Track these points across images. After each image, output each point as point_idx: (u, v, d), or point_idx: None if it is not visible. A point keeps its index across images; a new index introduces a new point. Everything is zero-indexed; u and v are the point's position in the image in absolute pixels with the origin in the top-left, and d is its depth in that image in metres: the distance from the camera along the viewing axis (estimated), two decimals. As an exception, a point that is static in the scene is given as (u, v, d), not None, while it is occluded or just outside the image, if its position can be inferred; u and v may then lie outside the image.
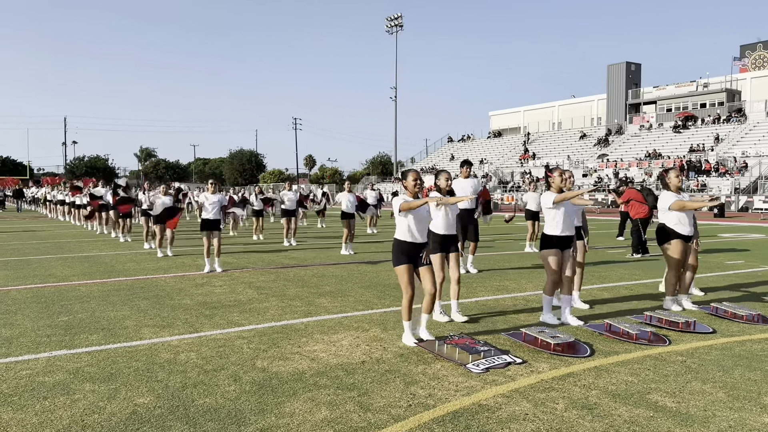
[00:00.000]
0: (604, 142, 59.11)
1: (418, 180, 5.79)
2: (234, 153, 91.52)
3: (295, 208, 16.12)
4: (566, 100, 76.32)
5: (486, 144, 74.03)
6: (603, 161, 53.85)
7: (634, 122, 60.45)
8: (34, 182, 55.88)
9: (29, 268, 11.17)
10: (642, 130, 58.41)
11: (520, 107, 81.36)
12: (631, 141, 57.03)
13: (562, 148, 62.52)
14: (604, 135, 60.98)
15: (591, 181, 49.49)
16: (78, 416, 3.93)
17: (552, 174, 6.72)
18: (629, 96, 64.49)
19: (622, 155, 54.14)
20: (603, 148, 58.09)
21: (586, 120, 68.96)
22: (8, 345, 5.67)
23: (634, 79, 65.26)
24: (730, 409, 4.07)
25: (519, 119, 79.65)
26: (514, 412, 4.00)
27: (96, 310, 7.29)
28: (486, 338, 5.87)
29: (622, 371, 4.88)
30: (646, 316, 6.64)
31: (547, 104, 77.99)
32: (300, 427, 3.77)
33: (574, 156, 58.40)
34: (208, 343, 5.75)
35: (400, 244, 5.70)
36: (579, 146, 61.51)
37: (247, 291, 8.59)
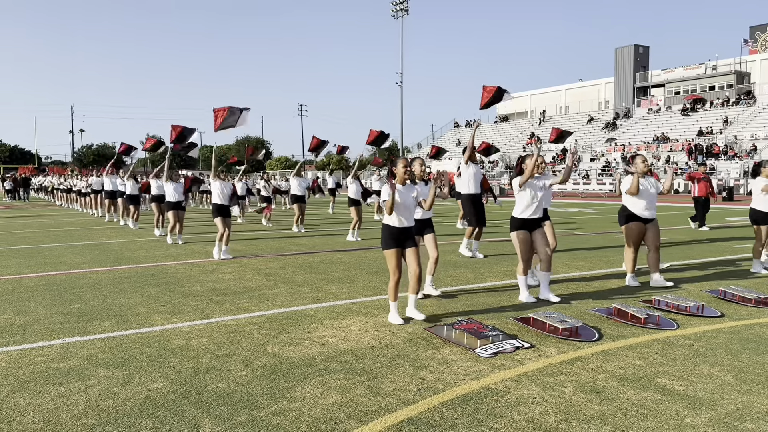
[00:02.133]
0: (612, 126, 58.81)
1: (407, 168, 6.02)
2: (240, 140, 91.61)
3: (305, 194, 16.15)
4: (574, 83, 75.79)
5: (493, 129, 73.75)
6: (611, 145, 53.60)
7: (642, 106, 60.08)
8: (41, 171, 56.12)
9: (40, 256, 11.28)
10: (650, 113, 58.05)
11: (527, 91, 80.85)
12: (639, 125, 56.72)
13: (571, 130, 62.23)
14: (611, 119, 60.67)
15: (599, 165, 49.30)
16: (93, 401, 4.00)
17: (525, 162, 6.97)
18: (637, 79, 64.01)
19: (630, 139, 53.86)
20: (611, 132, 57.81)
21: (594, 104, 68.55)
22: (22, 332, 5.75)
23: (642, 62, 64.71)
24: (738, 392, 4.10)
25: (526, 103, 79.22)
26: (523, 396, 4.04)
27: (108, 297, 7.37)
28: (494, 323, 5.91)
29: (630, 355, 4.91)
30: (654, 300, 6.66)
31: (554, 88, 77.46)
32: (311, 410, 3.83)
33: (582, 140, 58.14)
34: (219, 329, 5.81)
35: (388, 229, 5.99)
36: (586, 130, 61.22)
37: (257, 277, 8.66)
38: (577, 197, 39.77)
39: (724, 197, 31.85)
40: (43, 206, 31.22)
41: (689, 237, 13.62)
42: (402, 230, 5.98)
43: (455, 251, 10.93)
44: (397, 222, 5.95)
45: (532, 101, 78.14)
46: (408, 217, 6.01)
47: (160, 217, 15.06)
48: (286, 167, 78.73)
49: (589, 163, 51.18)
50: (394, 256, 5.94)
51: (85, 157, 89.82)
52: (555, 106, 72.18)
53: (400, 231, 5.97)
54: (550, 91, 77.53)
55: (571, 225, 17.32)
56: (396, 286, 5.96)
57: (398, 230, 5.97)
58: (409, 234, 6.03)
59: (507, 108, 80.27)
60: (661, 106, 58.50)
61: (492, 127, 74.35)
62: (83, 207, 24.92)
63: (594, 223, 17.92)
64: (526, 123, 71.13)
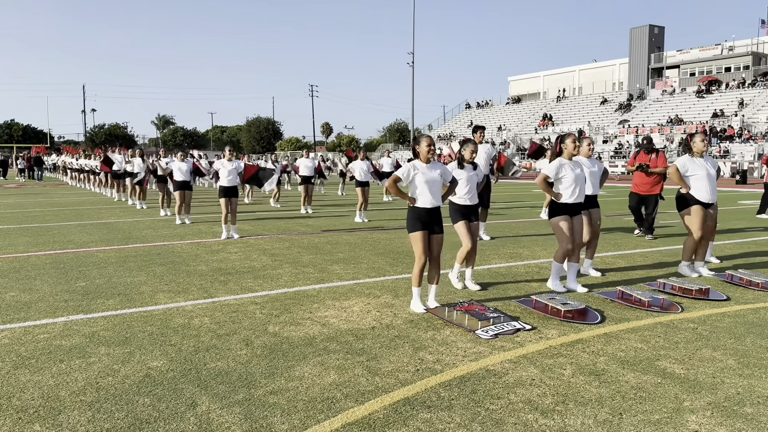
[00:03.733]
0: (626, 108, 58.18)
1: (431, 146, 5.73)
2: (251, 121, 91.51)
3: (313, 175, 16.14)
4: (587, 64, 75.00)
5: (504, 110, 73.20)
6: (624, 127, 53.08)
7: (656, 87, 59.36)
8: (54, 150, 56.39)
9: (49, 234, 11.36)
10: (664, 95, 57.35)
11: (539, 72, 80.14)
12: (653, 106, 56.07)
13: (583, 114, 61.68)
14: (625, 100, 60.00)
15: (611, 148, 48.87)
16: (93, 378, 4.03)
17: (564, 142, 6.60)
18: (652, 60, 63.16)
19: (644, 121, 53.29)
20: (624, 114, 57.21)
21: (608, 85, 67.78)
22: (27, 309, 5.80)
23: (657, 43, 63.75)
24: (740, 376, 4.06)
25: (539, 84, 78.56)
26: (521, 377, 4.02)
27: (113, 275, 7.41)
28: (497, 305, 5.88)
29: (632, 338, 4.87)
30: (660, 283, 6.60)
31: (567, 69, 76.72)
32: (309, 390, 3.83)
33: (595, 122, 57.61)
34: (222, 309, 5.83)
35: (415, 211, 5.67)
36: (599, 112, 60.63)
37: (262, 258, 8.67)
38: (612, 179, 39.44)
39: (738, 180, 31.49)
40: (55, 185, 31.44)
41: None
42: (429, 211, 5.64)
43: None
44: (425, 202, 5.62)
45: (545, 82, 77.44)
46: (435, 195, 5.64)
47: (165, 198, 15.09)
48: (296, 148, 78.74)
49: (602, 146, 50.72)
50: (421, 239, 5.60)
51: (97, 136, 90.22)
52: (568, 87, 71.45)
53: (427, 212, 5.64)
54: (563, 72, 76.78)
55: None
56: (421, 272, 5.64)
57: (425, 211, 5.63)
58: (436, 216, 5.69)
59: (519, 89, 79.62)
60: (675, 88, 57.74)
61: (503, 108, 73.79)
62: (94, 186, 25.05)
63: (604, 206, 17.79)
64: (539, 104, 70.49)
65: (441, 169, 5.77)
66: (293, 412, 3.51)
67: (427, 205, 5.64)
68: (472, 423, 3.36)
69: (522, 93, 78.29)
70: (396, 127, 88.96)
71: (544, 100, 72.21)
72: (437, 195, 5.70)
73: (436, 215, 5.71)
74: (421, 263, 5.64)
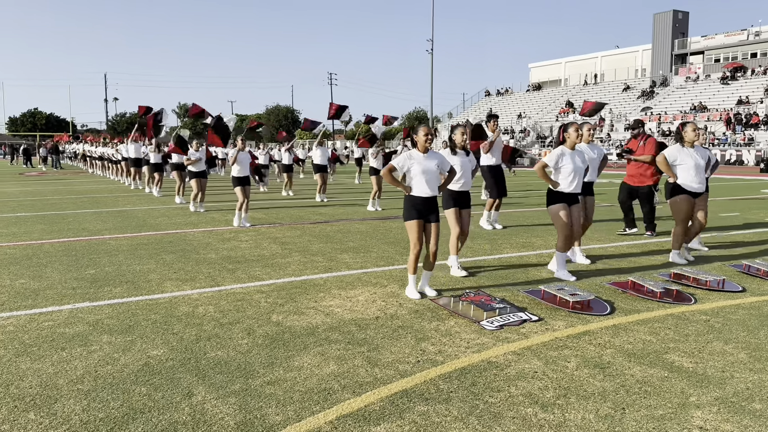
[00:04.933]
0: (649, 95, 57.23)
1: (429, 135, 5.71)
2: (270, 109, 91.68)
3: (327, 164, 16.09)
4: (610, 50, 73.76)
5: (525, 97, 72.42)
6: (646, 114, 52.22)
7: (680, 74, 58.26)
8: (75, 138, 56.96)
9: (64, 222, 11.45)
10: (688, 81, 56.29)
11: (561, 59, 79.04)
12: (676, 93, 55.07)
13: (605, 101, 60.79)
14: (648, 87, 58.99)
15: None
16: (92, 367, 4.02)
17: (567, 131, 6.54)
18: (675, 46, 61.91)
19: (667, 108, 52.39)
20: (646, 101, 56.28)
21: (630, 72, 66.67)
22: (35, 297, 5.83)
23: (681, 28, 62.45)
24: (750, 370, 3.93)
25: (560, 71, 77.51)
26: (523, 370, 3.94)
27: (123, 263, 7.44)
28: (505, 295, 5.79)
29: (641, 330, 4.75)
30: (673, 274, 6.45)
31: (589, 55, 75.55)
32: (306, 380, 3.79)
33: (617, 109, 56.75)
34: (227, 297, 5.81)
35: (411, 199, 5.71)
36: (622, 99, 59.70)
37: (272, 246, 8.65)
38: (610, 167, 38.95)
39: (762, 168, 30.83)
40: (75, 173, 31.79)
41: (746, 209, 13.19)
42: (425, 200, 5.66)
43: (475, 223, 10.76)
44: (420, 191, 5.65)
45: (567, 69, 76.39)
46: (432, 185, 5.67)
47: (182, 186, 15.15)
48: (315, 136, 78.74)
49: (624, 133, 49.97)
50: (416, 227, 5.64)
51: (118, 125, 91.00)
52: (590, 73, 70.40)
53: (422, 201, 5.65)
54: (584, 58, 75.65)
55: (599, 197, 16.94)
56: (416, 259, 5.70)
57: (421, 200, 5.65)
58: (432, 205, 5.71)
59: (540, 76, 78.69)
60: (699, 74, 56.61)
61: (524, 96, 73.00)
62: (113, 174, 25.27)
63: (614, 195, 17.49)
64: (560, 91, 69.60)
65: (438, 159, 5.81)
66: (289, 403, 3.46)
67: (422, 194, 5.68)
68: (470, 416, 3.29)
69: (543, 80, 77.33)
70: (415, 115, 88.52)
71: (565, 87, 71.26)
72: (433, 185, 5.73)
73: (432, 204, 5.75)
74: (416, 251, 5.68)
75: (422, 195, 5.66)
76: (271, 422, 3.23)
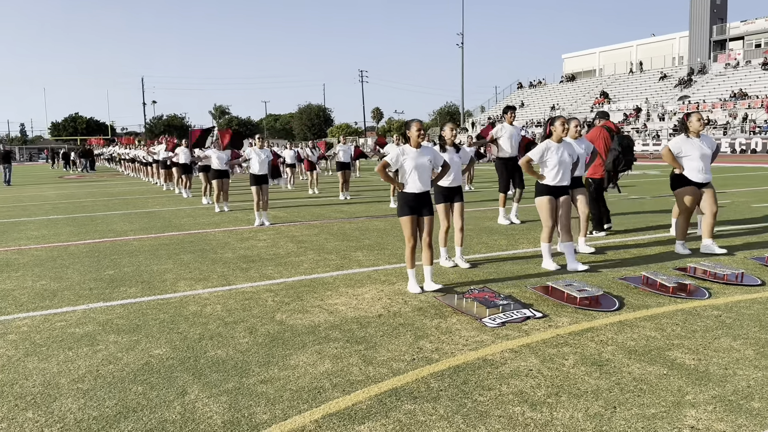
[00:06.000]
0: (686, 83, 55.81)
1: (420, 131, 5.78)
2: (302, 108, 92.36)
3: (350, 161, 16.15)
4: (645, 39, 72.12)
5: (558, 89, 71.37)
6: (684, 103, 50.95)
7: (718, 60, 56.63)
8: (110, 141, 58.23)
9: (93, 224, 11.74)
10: (727, 68, 54.69)
11: (595, 48, 77.62)
12: (715, 81, 53.59)
13: (640, 91, 59.52)
14: (685, 75, 57.52)
15: (670, 126, 47.04)
16: (95, 366, 4.12)
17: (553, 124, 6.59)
18: (714, 32, 60.12)
19: (705, 96, 51.05)
20: (684, 90, 54.90)
21: (667, 60, 65.09)
22: (52, 297, 6.00)
23: (720, 14, 60.59)
24: (755, 367, 3.81)
25: (594, 61, 76.13)
26: (518, 368, 3.89)
27: (142, 263, 7.59)
28: (513, 291, 5.73)
29: (647, 326, 4.65)
30: (689, 267, 6.29)
31: (624, 44, 74.01)
32: (299, 379, 3.81)
33: (653, 98, 55.53)
34: (236, 296, 5.88)
35: (404, 196, 5.82)
36: (658, 88, 58.37)
37: (288, 245, 8.72)
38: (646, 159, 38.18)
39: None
40: (112, 175, 32.56)
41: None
42: (417, 196, 5.77)
43: (495, 217, 10.67)
44: (412, 187, 5.76)
45: (601, 58, 74.98)
46: (424, 181, 5.77)
47: (208, 186, 15.38)
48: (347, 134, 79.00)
49: (660, 123, 48.89)
50: (409, 223, 5.77)
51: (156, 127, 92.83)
52: (625, 63, 68.98)
53: (415, 197, 5.77)
54: (620, 47, 74.12)
55: (629, 189, 16.62)
56: (412, 253, 5.83)
57: (413, 196, 5.77)
58: (425, 200, 5.82)
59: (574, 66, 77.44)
60: (739, 61, 54.93)
61: (557, 87, 71.94)
62: (146, 176, 25.80)
63: (654, 187, 17.14)
64: (594, 82, 68.38)
65: (431, 155, 5.93)
66: (278, 401, 3.49)
67: (414, 190, 5.78)
68: (455, 415, 3.27)
69: (576, 70, 76.04)
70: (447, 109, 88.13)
71: (599, 77, 69.98)
72: (426, 180, 5.83)
73: (425, 199, 5.86)
74: (410, 246, 5.81)
75: (414, 191, 5.78)
76: (257, 421, 3.27)
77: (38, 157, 77.80)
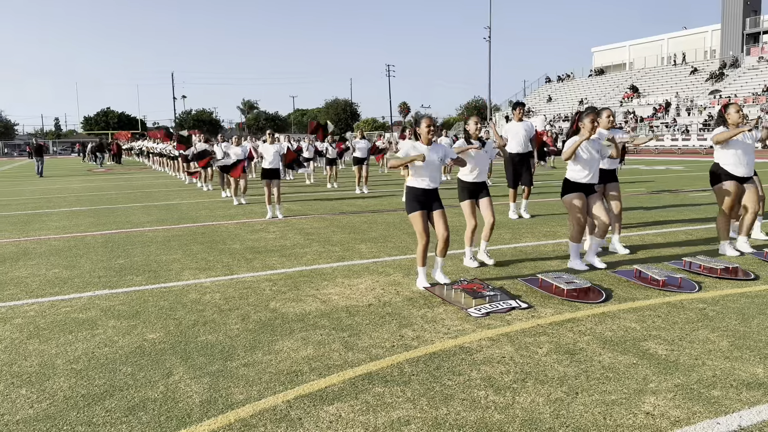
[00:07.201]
0: (718, 77, 54.68)
1: (430, 127, 5.71)
2: (329, 102, 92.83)
3: (366, 156, 16.30)
4: (676, 32, 70.80)
5: (586, 83, 70.52)
6: (714, 98, 49.97)
7: (751, 54, 55.32)
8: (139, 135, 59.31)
9: (113, 215, 12.10)
10: (761, 62, 53.41)
11: (625, 42, 76.45)
12: (747, 75, 52.40)
13: (671, 85, 58.51)
14: (717, 69, 56.35)
15: (700, 120, 46.20)
16: (90, 349, 4.34)
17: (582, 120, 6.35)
18: (747, 25, 58.72)
19: (737, 90, 49.97)
20: (715, 84, 53.81)
21: (699, 53, 63.80)
22: (62, 285, 6.27)
23: (753, 6, 59.12)
24: (726, 358, 3.86)
25: (624, 55, 75.01)
26: (492, 355, 4.00)
27: (152, 254, 7.85)
28: (503, 284, 5.82)
29: (629, 317, 4.71)
30: (685, 262, 6.30)
31: (655, 37, 72.72)
32: (280, 363, 3.98)
33: (683, 93, 54.57)
34: (236, 285, 6.08)
35: (412, 191, 5.73)
36: (689, 82, 57.30)
37: (296, 237, 8.91)
38: (672, 154, 37.67)
39: (838, 152, 29.05)
40: (140, 169, 33.25)
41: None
42: (426, 192, 5.69)
43: (505, 212, 10.72)
44: (422, 183, 5.67)
45: (631, 52, 73.85)
46: (433, 177, 5.70)
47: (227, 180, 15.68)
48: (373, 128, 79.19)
49: (689, 118, 48.05)
50: (420, 218, 5.64)
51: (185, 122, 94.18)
52: (656, 56, 67.84)
53: (423, 192, 5.68)
54: (650, 40, 72.88)
55: (649, 184, 16.49)
56: (424, 250, 5.68)
57: (422, 191, 5.68)
58: (434, 196, 5.75)
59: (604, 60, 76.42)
60: (774, 54, 53.61)
61: (586, 81, 71.08)
62: (171, 170, 26.30)
63: (674, 182, 16.96)
64: (624, 75, 67.39)
65: (442, 152, 5.76)
66: (256, 383, 3.66)
67: (423, 186, 5.69)
68: (422, 398, 3.40)
69: (606, 64, 75.02)
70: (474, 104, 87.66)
71: (629, 71, 68.93)
72: (435, 177, 5.75)
73: (434, 194, 5.77)
74: (423, 242, 5.66)
75: (423, 186, 5.69)
76: (233, 401, 3.44)
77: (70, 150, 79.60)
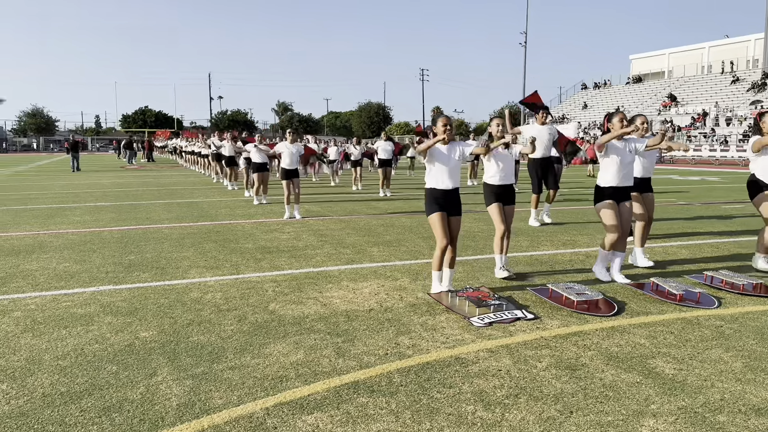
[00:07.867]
0: (760, 87, 53.09)
1: (447, 126, 5.53)
2: (362, 106, 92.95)
3: (391, 158, 16.17)
4: (718, 40, 69.08)
5: (624, 90, 69.23)
6: (756, 108, 48.50)
7: (797, 63, 53.56)
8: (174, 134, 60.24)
9: (135, 212, 12.18)
10: (806, 71, 51.71)
11: (665, 50, 74.91)
12: (791, 84, 50.74)
13: (711, 94, 57.05)
14: (759, 79, 54.74)
15: (740, 131, 44.92)
16: (81, 345, 4.28)
17: (611, 120, 6.10)
18: (793, 33, 56.96)
19: (780, 101, 48.40)
20: (757, 94, 52.26)
21: (741, 62, 62.10)
22: (69, 279, 6.26)
23: (800, 14, 57.35)
24: (737, 380, 3.61)
25: (663, 63, 73.49)
26: (488, 368, 3.81)
27: (164, 251, 7.82)
28: (512, 293, 5.61)
29: (640, 333, 4.47)
30: (706, 276, 6.01)
31: (695, 46, 71.06)
32: (267, 368, 3.85)
33: (723, 102, 53.13)
34: (240, 285, 5.99)
35: (431, 192, 5.54)
36: (730, 91, 55.77)
37: (309, 238, 8.80)
38: (710, 165, 36.67)
39: None
40: (171, 167, 33.68)
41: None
42: (445, 193, 5.48)
43: (525, 218, 10.46)
44: (440, 183, 5.48)
45: (670, 60, 72.31)
46: (452, 177, 5.50)
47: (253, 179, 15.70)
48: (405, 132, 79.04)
49: (728, 128, 46.75)
50: (439, 220, 5.41)
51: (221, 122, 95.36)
52: (695, 65, 66.28)
53: (443, 194, 5.48)
54: (690, 49, 71.26)
55: (681, 194, 16.00)
56: (442, 255, 5.47)
57: (441, 192, 5.48)
58: (454, 198, 5.54)
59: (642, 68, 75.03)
60: (820, 63, 51.87)
61: (623, 89, 69.80)
62: (201, 168, 26.54)
63: (707, 193, 16.43)
64: (662, 84, 65.99)
65: (460, 151, 5.56)
66: (238, 388, 3.54)
67: (443, 187, 5.48)
68: (406, 411, 3.23)
69: (644, 72, 73.58)
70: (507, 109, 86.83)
71: (668, 80, 67.47)
72: (455, 177, 5.54)
73: (454, 197, 5.54)
74: (442, 245, 5.43)
75: (443, 187, 5.48)
76: (211, 405, 3.32)
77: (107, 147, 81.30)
